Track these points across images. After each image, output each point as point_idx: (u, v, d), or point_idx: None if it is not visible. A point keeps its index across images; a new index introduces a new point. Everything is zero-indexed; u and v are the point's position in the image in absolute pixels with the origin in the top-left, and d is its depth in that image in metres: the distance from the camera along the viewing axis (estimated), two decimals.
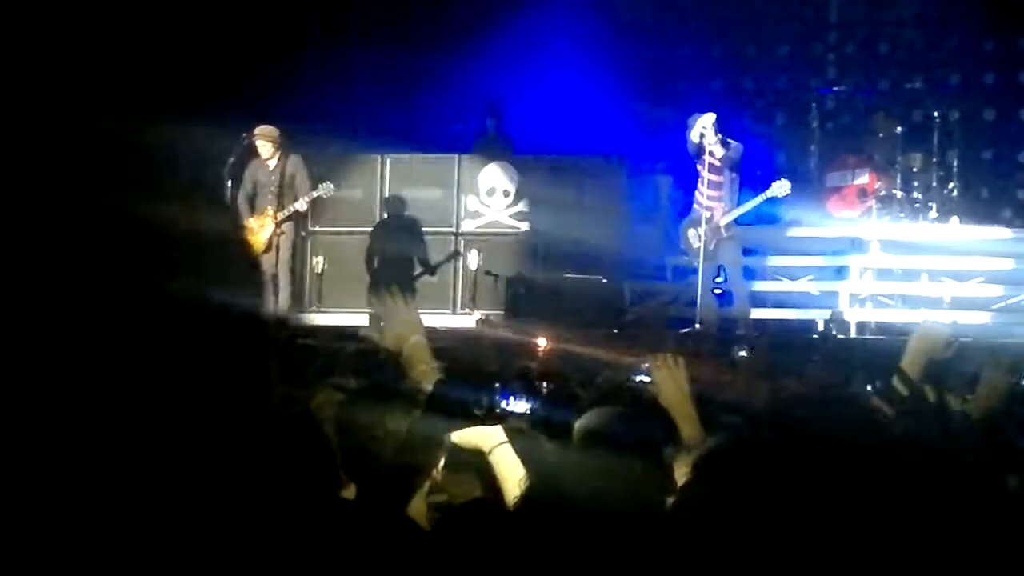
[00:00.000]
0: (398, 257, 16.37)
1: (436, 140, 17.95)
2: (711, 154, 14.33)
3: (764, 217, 16.01)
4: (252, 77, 17.47)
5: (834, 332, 14.99)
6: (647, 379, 7.61)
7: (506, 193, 16.95)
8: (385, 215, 16.83)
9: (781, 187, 14.53)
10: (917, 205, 16.68)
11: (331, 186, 15.66)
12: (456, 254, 16.66)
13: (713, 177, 14.47)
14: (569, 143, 18.09)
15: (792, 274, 16.34)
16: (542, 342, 12.20)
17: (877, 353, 12.32)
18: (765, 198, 14.64)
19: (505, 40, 18.60)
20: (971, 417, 5.08)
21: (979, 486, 3.46)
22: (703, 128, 14.36)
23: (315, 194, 15.56)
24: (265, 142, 15.37)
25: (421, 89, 18.63)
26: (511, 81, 18.57)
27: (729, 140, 14.44)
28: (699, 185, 14.71)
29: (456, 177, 17.08)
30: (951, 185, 17.02)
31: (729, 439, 4.28)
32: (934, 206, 16.69)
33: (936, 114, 17.36)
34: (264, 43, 17.84)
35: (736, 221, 14.70)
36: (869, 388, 7.37)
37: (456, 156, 17.28)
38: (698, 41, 19.76)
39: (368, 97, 18.72)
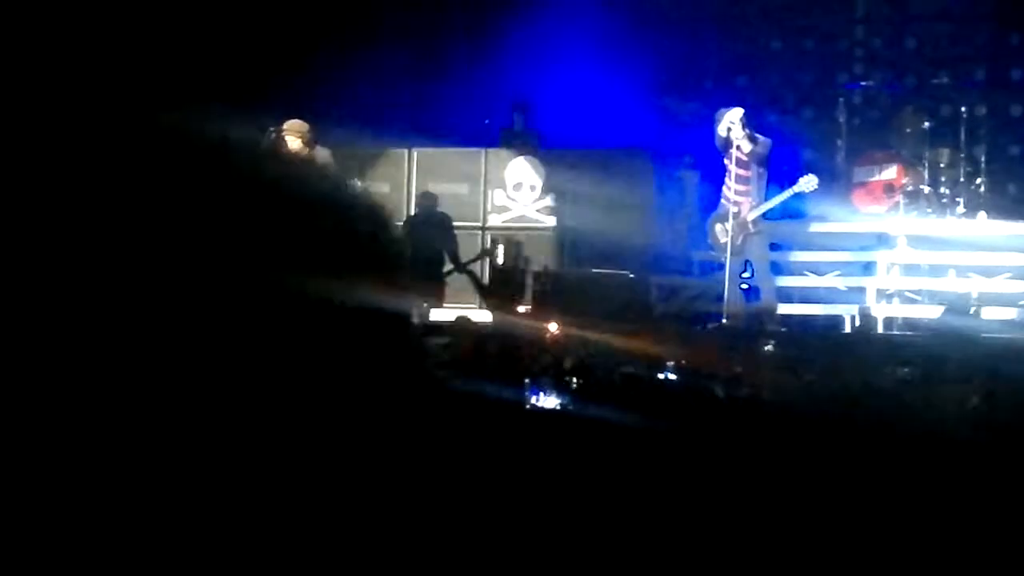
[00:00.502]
0: (428, 253, 16.37)
1: (463, 134, 17.96)
2: (739, 148, 14.31)
3: (791, 212, 15.99)
4: (280, 71, 17.52)
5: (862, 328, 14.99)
6: (673, 376, 7.64)
7: (533, 187, 16.98)
8: (417, 211, 16.85)
9: (808, 182, 14.50)
10: (944, 200, 16.65)
11: (358, 181, 15.67)
12: (487, 253, 16.65)
13: (741, 172, 14.46)
14: (596, 138, 18.09)
15: (819, 270, 16.31)
16: (564, 335, 12.25)
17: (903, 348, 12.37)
18: (792, 193, 14.61)
19: (532, 35, 18.62)
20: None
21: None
22: (731, 123, 14.35)
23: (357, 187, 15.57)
24: (294, 136, 15.36)
25: (449, 83, 18.64)
26: (538, 75, 18.58)
27: (757, 135, 14.42)
28: (726, 180, 14.70)
29: (483, 171, 17.12)
30: (978, 180, 16.98)
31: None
32: (961, 201, 16.65)
33: (963, 109, 17.32)
34: (293, 38, 17.87)
35: (763, 216, 14.69)
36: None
37: (483, 150, 17.32)
38: (724, 36, 19.74)
39: (396, 91, 18.75)
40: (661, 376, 8.20)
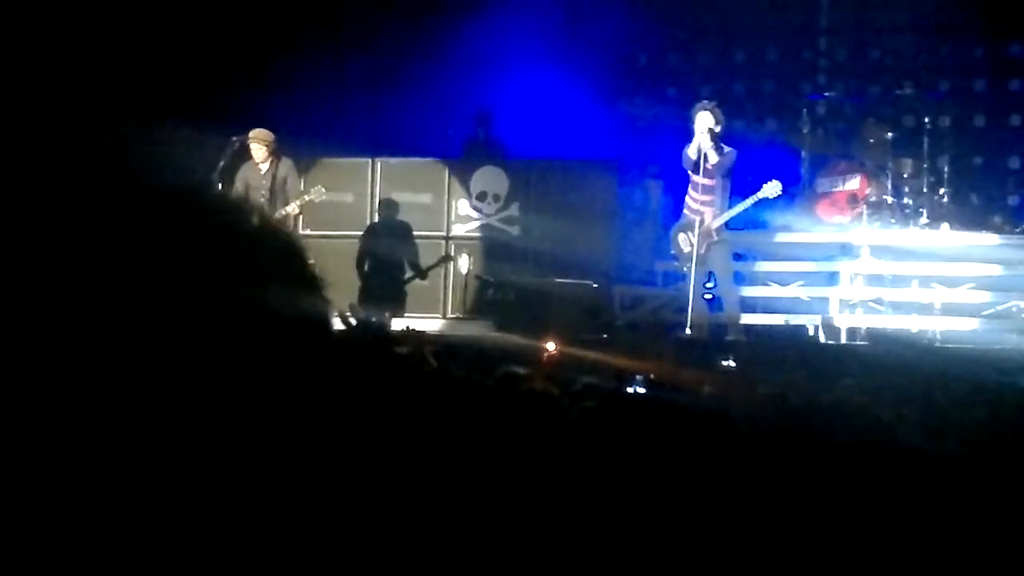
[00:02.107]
0: (389, 261, 16.38)
1: (427, 145, 17.95)
2: (705, 158, 14.30)
3: (754, 222, 16.01)
4: (243, 81, 17.49)
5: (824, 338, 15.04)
6: (642, 390, 7.60)
7: (496, 197, 16.97)
8: (377, 219, 16.85)
9: (772, 188, 14.50)
10: (907, 211, 16.69)
11: (323, 190, 15.63)
12: (447, 259, 16.68)
13: (705, 181, 14.46)
14: (560, 148, 18.11)
15: (782, 279, 16.33)
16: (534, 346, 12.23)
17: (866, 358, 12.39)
18: (757, 199, 14.61)
19: (496, 45, 18.63)
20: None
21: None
22: (701, 135, 14.29)
23: (307, 198, 15.52)
24: (259, 145, 15.35)
25: (412, 94, 18.62)
26: (502, 86, 18.59)
27: (723, 146, 14.42)
28: (690, 190, 14.70)
29: (447, 181, 17.12)
30: (941, 191, 17.02)
31: None
32: (924, 212, 16.70)
33: (927, 120, 17.36)
34: (256, 47, 17.85)
35: (727, 225, 14.69)
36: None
37: (446, 161, 17.32)
38: (688, 46, 19.80)
39: (360, 102, 18.73)
40: (626, 388, 8.16)
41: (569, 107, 18.65)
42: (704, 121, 14.32)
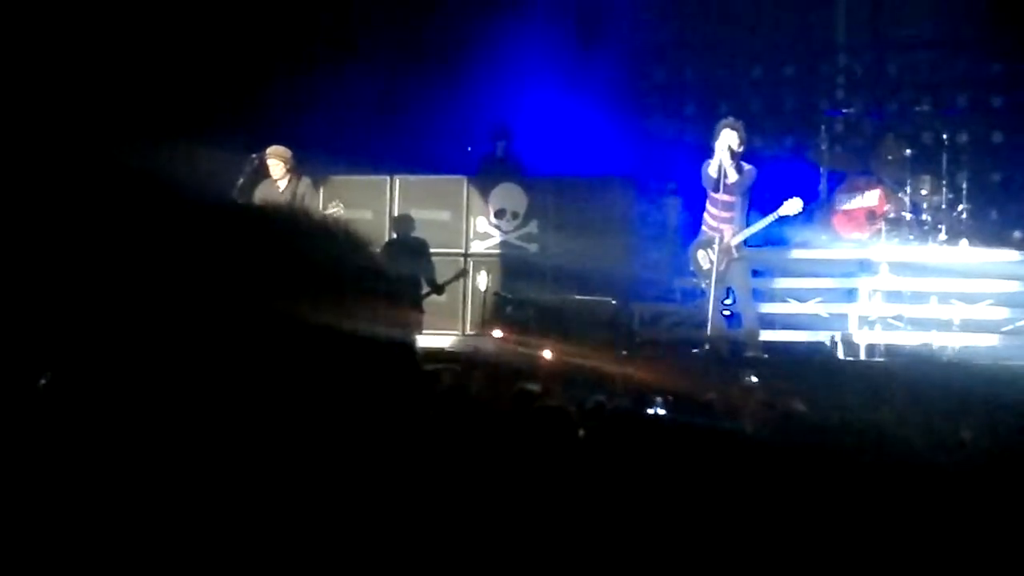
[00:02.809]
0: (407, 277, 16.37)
1: (445, 162, 17.97)
2: (724, 175, 14.29)
3: (773, 239, 16.01)
4: (261, 99, 17.53)
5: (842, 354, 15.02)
6: (663, 412, 7.60)
7: (515, 215, 16.98)
8: (394, 236, 16.85)
9: (793, 205, 14.48)
10: (926, 227, 16.67)
11: (341, 206, 15.65)
12: (463, 274, 16.68)
13: (725, 198, 14.45)
14: (578, 165, 18.12)
15: (801, 296, 16.33)
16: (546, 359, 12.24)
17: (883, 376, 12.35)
18: (777, 217, 14.60)
19: (515, 63, 18.66)
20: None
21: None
22: (722, 153, 14.28)
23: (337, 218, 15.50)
24: (277, 162, 15.36)
25: (430, 111, 18.65)
26: (520, 103, 18.61)
27: (743, 164, 14.41)
28: (708, 206, 14.69)
29: (465, 199, 17.13)
30: (960, 207, 17.01)
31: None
32: (943, 228, 16.68)
33: (945, 136, 17.35)
34: (275, 65, 17.89)
35: (745, 243, 14.69)
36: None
37: (465, 178, 17.33)
38: (706, 63, 19.80)
39: (378, 119, 18.76)
40: (646, 408, 8.15)
41: (587, 124, 18.65)
42: (727, 139, 14.30)
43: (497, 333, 14.91)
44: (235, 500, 1.43)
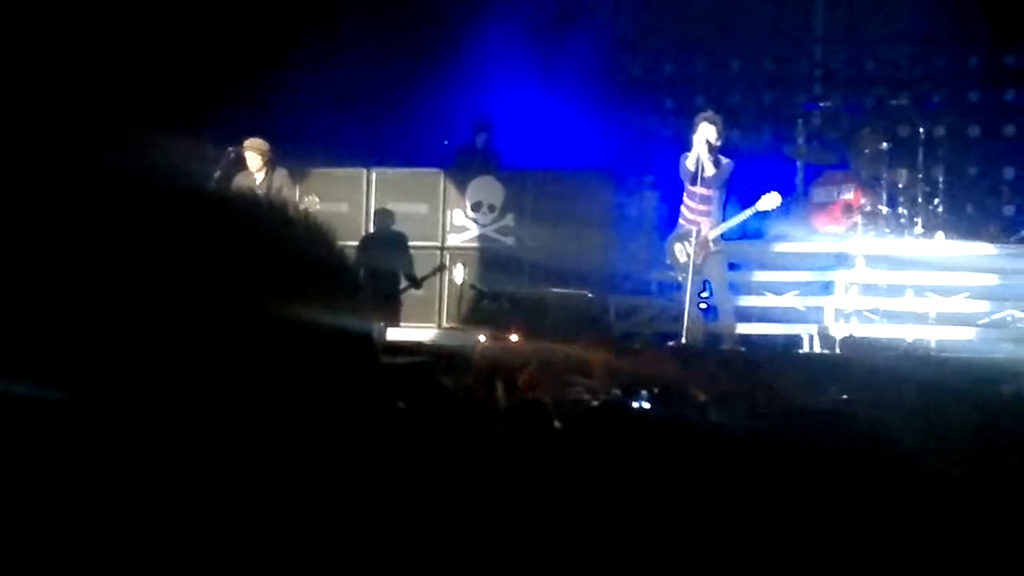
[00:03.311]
0: (384, 271, 16.34)
1: (422, 156, 17.96)
2: (702, 169, 14.28)
3: (750, 232, 16.02)
4: (238, 91, 17.48)
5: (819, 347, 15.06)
6: (647, 405, 7.59)
7: (492, 208, 16.98)
8: (372, 229, 16.84)
9: (770, 200, 14.47)
10: (902, 221, 16.71)
11: (316, 199, 15.61)
12: (442, 268, 16.68)
13: (702, 191, 14.44)
14: (555, 158, 18.12)
15: (778, 289, 16.35)
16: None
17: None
18: (755, 211, 14.60)
19: (492, 55, 18.64)
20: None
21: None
22: (700, 146, 14.26)
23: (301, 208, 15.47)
24: (254, 154, 15.33)
25: (407, 104, 18.63)
26: (497, 96, 18.60)
27: (721, 157, 14.41)
28: (686, 199, 14.68)
29: (442, 191, 17.12)
30: (936, 201, 17.05)
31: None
32: (919, 222, 16.72)
33: (921, 130, 17.38)
34: (251, 57, 17.84)
35: (723, 236, 14.69)
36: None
37: (441, 171, 17.32)
38: (684, 56, 19.82)
39: (355, 112, 18.73)
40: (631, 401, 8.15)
41: (565, 117, 18.66)
42: (705, 132, 14.28)
43: (481, 337, 14.87)
44: (192, 497, 1.42)
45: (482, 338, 14.55)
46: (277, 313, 1.46)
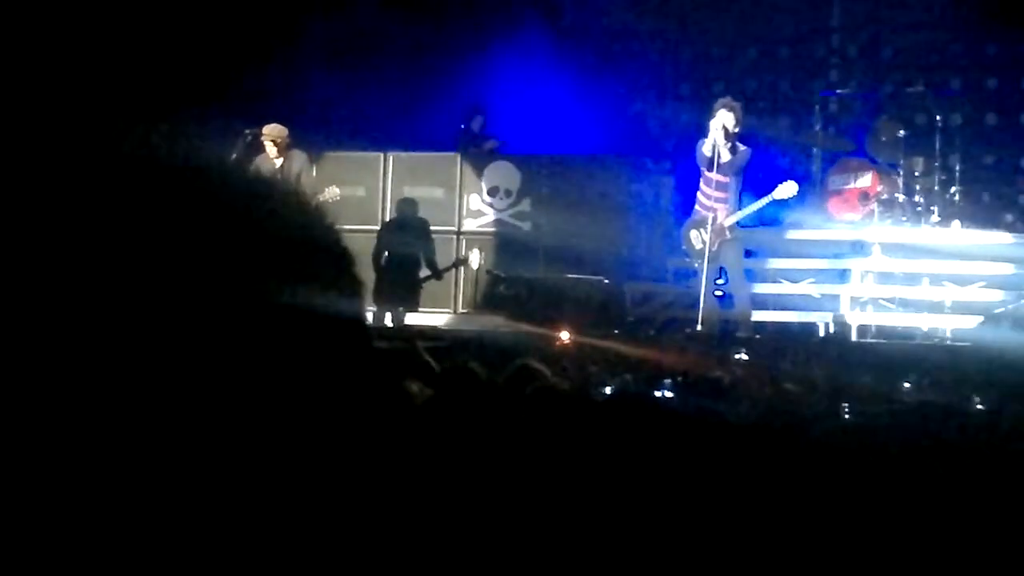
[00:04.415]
0: (405, 258, 16.24)
1: (439, 139, 17.95)
2: (718, 155, 14.24)
3: (766, 219, 15.99)
4: (255, 75, 17.49)
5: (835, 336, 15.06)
6: (670, 394, 7.59)
7: (508, 193, 16.99)
8: (394, 215, 16.80)
9: (787, 189, 14.43)
10: (919, 209, 16.68)
11: (336, 191, 15.46)
12: (462, 261, 16.60)
13: (718, 178, 14.40)
14: (571, 144, 18.11)
15: (793, 277, 16.33)
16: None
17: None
18: (771, 200, 14.57)
19: (508, 40, 18.63)
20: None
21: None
22: (717, 132, 14.22)
23: (320, 199, 15.40)
24: (272, 139, 15.32)
25: (424, 88, 18.63)
26: (513, 81, 18.59)
27: (738, 144, 14.37)
28: (702, 186, 14.65)
29: (459, 176, 17.12)
30: (953, 189, 17.02)
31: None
32: (936, 210, 16.69)
33: (938, 118, 17.35)
34: (270, 43, 17.85)
35: (739, 224, 14.67)
36: None
37: (458, 155, 17.32)
38: (700, 43, 19.77)
39: (372, 96, 18.72)
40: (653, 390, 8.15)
41: (582, 103, 18.65)
42: (723, 118, 14.23)
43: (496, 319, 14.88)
44: (193, 491, 1.40)
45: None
46: (256, 294, 1.43)
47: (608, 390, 8.04)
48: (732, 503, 3.36)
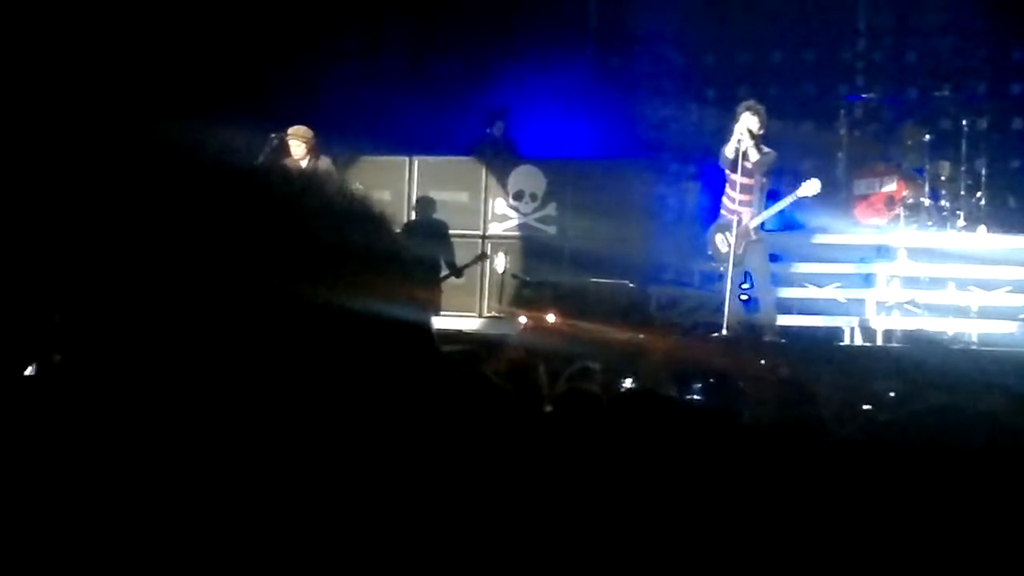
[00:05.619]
0: (425, 259, 16.29)
1: (465, 144, 17.96)
2: (745, 157, 14.24)
3: (791, 224, 16.00)
4: (282, 78, 17.55)
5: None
6: (697, 398, 7.60)
7: (534, 197, 16.99)
8: (414, 217, 16.87)
9: (811, 186, 14.42)
10: (944, 213, 16.65)
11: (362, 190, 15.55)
12: (482, 257, 16.68)
13: (744, 180, 14.39)
14: (597, 148, 18.12)
15: (819, 281, 16.31)
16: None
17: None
18: (796, 198, 14.55)
19: (533, 45, 18.65)
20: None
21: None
22: (741, 135, 14.23)
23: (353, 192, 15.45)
24: (298, 142, 15.36)
25: (450, 92, 18.67)
26: (538, 85, 18.60)
27: (763, 146, 14.37)
28: (727, 189, 14.65)
29: (484, 180, 17.13)
30: (979, 194, 16.98)
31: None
32: (961, 214, 16.66)
33: (964, 123, 17.32)
34: (295, 47, 17.91)
35: (763, 226, 14.66)
36: None
37: (484, 159, 17.34)
38: (725, 47, 19.76)
39: (398, 100, 18.76)
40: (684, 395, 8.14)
41: (607, 107, 18.66)
42: (747, 121, 14.25)
43: (522, 319, 14.89)
44: (240, 493, 1.40)
45: (523, 320, 14.59)
46: (316, 300, 1.43)
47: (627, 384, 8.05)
48: (754, 503, 3.38)
